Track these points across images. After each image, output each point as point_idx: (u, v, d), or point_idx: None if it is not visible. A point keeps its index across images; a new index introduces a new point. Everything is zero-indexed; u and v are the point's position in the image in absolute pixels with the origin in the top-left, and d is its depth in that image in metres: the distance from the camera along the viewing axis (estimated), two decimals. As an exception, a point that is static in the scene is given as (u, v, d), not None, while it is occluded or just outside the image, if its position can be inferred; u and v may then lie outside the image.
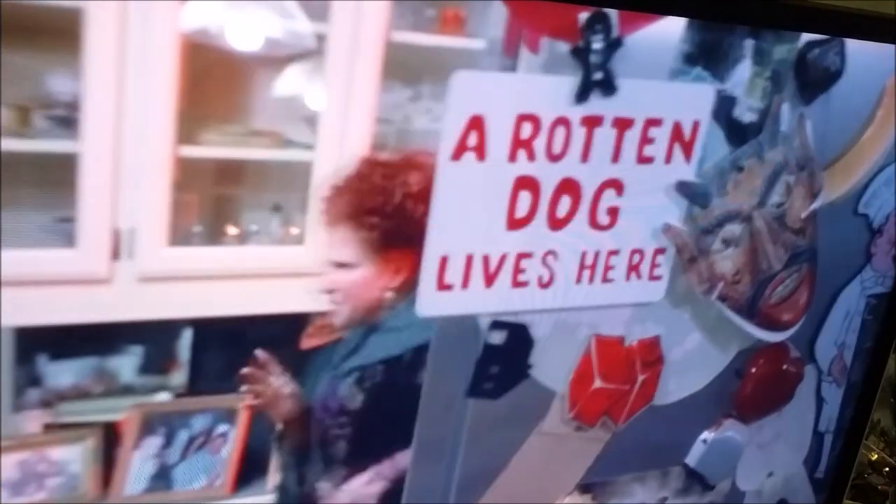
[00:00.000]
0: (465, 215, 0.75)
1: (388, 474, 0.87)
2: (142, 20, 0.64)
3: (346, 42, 0.74)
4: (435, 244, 0.75)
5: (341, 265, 0.78)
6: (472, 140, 0.72)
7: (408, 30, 0.77)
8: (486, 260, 0.78)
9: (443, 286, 0.77)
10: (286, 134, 0.77)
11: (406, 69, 0.77)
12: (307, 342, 0.85)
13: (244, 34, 0.71)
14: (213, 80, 0.71)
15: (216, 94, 0.73)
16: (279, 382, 0.81)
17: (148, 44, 0.65)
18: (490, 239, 0.77)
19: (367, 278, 0.79)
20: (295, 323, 0.81)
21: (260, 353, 0.79)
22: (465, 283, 0.78)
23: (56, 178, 0.66)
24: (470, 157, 0.72)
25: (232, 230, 0.79)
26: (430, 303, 0.76)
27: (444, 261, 0.75)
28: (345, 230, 0.76)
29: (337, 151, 0.78)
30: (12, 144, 0.63)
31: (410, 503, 0.85)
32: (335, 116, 0.76)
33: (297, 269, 0.79)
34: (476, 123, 0.71)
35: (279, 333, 0.82)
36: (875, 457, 1.28)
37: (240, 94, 0.75)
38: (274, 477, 0.86)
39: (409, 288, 0.80)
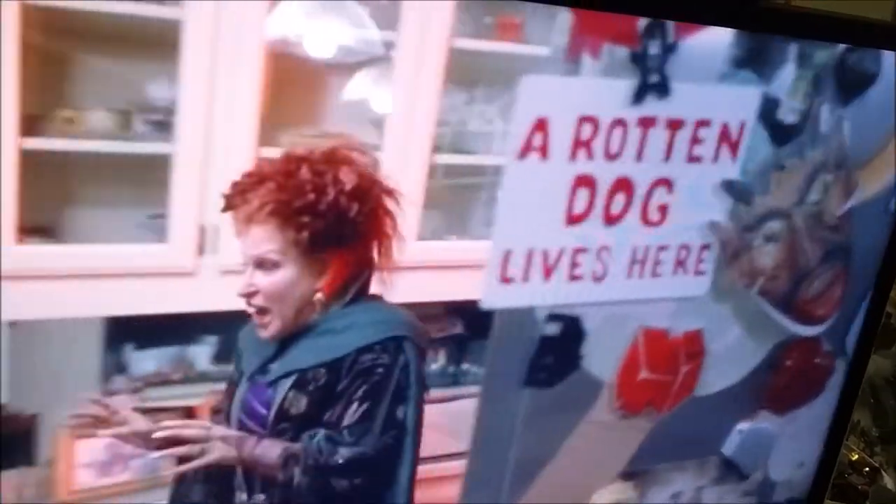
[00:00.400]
0: (528, 212, 0.79)
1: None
2: (233, 31, 0.69)
3: (413, 49, 0.78)
4: (500, 239, 0.79)
5: (261, 265, 0.74)
6: (537, 140, 0.76)
7: (468, 37, 0.81)
8: (545, 254, 0.82)
9: (505, 279, 0.81)
10: (355, 135, 0.81)
11: (464, 74, 0.81)
12: None
13: (320, 42, 0.76)
14: (290, 86, 0.76)
15: (293, 99, 0.77)
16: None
17: (237, 53, 0.70)
18: (549, 234, 0.81)
19: (291, 279, 0.75)
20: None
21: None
22: (525, 277, 0.82)
23: (150, 178, 0.71)
24: (534, 156, 0.76)
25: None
26: (493, 295, 0.81)
27: (507, 255, 0.80)
28: (266, 228, 0.73)
29: (402, 152, 0.82)
30: (114, 147, 0.68)
31: (470, 487, 0.89)
32: (401, 119, 0.80)
33: None
34: (541, 125, 0.75)
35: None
36: (855, 457, 1.29)
37: (314, 99, 0.79)
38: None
39: (341, 289, 0.77)
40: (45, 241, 0.66)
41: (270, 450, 0.77)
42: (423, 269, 0.87)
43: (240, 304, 0.78)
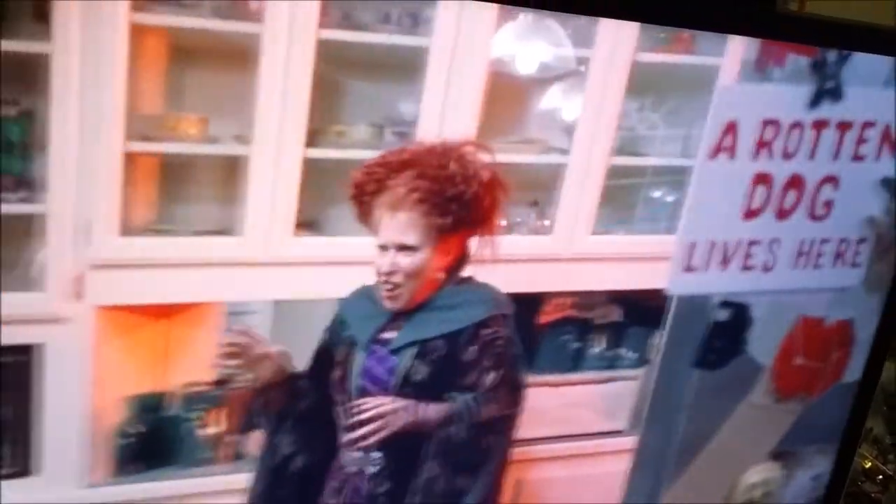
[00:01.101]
0: (712, 207, 0.87)
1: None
2: (466, 54, 0.79)
3: (603, 63, 0.87)
4: (686, 232, 0.87)
5: (403, 249, 0.81)
6: (727, 142, 0.84)
7: (646, 50, 0.90)
8: (724, 246, 0.90)
9: (688, 269, 0.89)
10: (549, 141, 0.90)
11: (638, 84, 0.89)
12: (543, 318, 0.99)
13: (526, 60, 0.85)
14: (499, 99, 0.86)
15: (501, 110, 0.87)
16: None
17: (467, 72, 0.80)
18: (729, 228, 0.89)
19: (427, 260, 0.82)
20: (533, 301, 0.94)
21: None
22: (706, 266, 0.89)
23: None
24: (723, 156, 0.84)
25: (503, 221, 0.93)
26: (678, 283, 0.89)
27: (692, 247, 0.88)
28: (412, 215, 0.79)
29: (587, 155, 0.91)
30: (366, 154, 0.79)
31: (639, 459, 0.97)
32: (589, 125, 0.89)
33: (546, 255, 0.93)
34: (731, 128, 0.83)
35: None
36: (869, 465, 1.27)
37: (516, 109, 0.89)
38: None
39: (456, 270, 0.83)
40: (313, 233, 0.78)
41: (434, 410, 0.84)
42: (592, 260, 0.96)
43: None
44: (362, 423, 0.83)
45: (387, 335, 0.83)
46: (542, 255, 0.93)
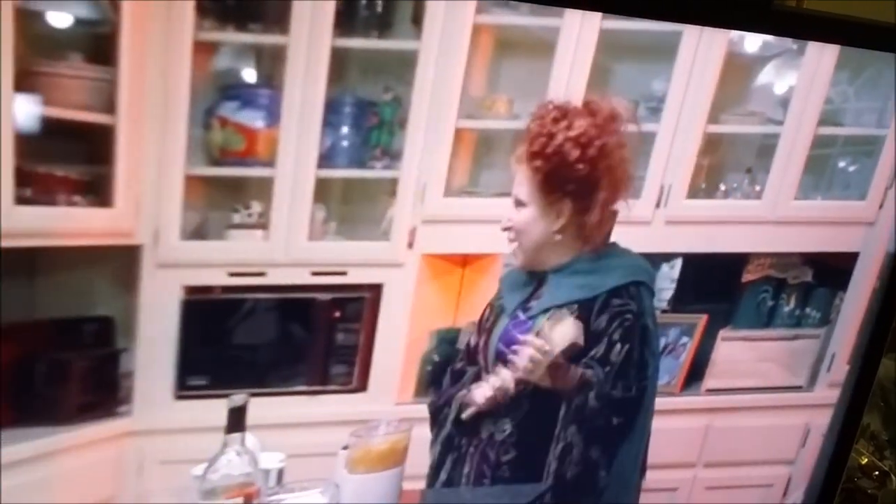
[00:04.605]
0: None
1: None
2: (708, 36, 0.90)
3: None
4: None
5: (518, 203, 0.83)
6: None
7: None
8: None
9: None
10: (768, 113, 1.01)
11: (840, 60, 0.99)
12: (746, 277, 1.10)
13: (753, 40, 0.96)
14: (728, 75, 0.96)
15: (734, 85, 0.97)
16: None
17: (710, 55, 0.91)
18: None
19: (533, 217, 0.83)
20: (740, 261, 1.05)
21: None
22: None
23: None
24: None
25: (721, 187, 1.04)
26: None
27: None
28: (523, 169, 0.83)
29: (796, 125, 1.01)
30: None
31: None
32: (802, 99, 1.00)
33: (755, 218, 1.04)
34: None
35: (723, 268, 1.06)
36: (865, 461, 1.26)
37: (743, 84, 1.00)
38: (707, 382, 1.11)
39: (583, 235, 0.84)
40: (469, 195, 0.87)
41: (573, 375, 0.85)
42: (793, 223, 1.06)
43: (677, 248, 1.00)
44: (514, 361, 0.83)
45: (531, 303, 0.88)
46: (751, 218, 1.04)
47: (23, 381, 0.69)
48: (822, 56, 0.98)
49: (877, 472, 1.24)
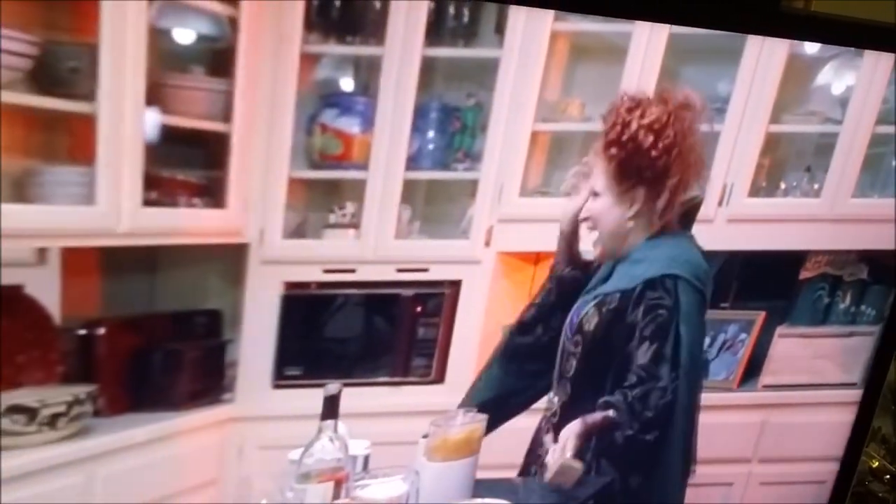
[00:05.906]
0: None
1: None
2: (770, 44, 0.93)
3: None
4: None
5: (595, 194, 0.87)
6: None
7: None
8: None
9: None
10: (827, 113, 1.04)
11: None
12: (804, 274, 1.12)
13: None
14: (793, 76, 0.99)
15: (794, 86, 1.00)
16: None
17: (772, 60, 0.94)
18: None
19: (608, 206, 0.86)
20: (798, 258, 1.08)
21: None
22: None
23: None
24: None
25: (781, 186, 1.07)
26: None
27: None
28: (599, 164, 0.85)
29: (854, 124, 1.03)
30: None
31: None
32: (860, 99, 1.02)
33: (813, 216, 1.06)
34: None
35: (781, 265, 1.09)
36: (876, 464, 1.24)
37: (803, 85, 1.02)
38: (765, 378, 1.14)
39: (647, 222, 0.85)
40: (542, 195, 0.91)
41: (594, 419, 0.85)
42: (850, 221, 1.08)
43: (737, 246, 1.03)
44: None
45: (597, 289, 0.90)
46: (810, 216, 1.07)
47: (141, 370, 0.75)
48: (881, 56, 1.01)
49: (888, 476, 1.24)
